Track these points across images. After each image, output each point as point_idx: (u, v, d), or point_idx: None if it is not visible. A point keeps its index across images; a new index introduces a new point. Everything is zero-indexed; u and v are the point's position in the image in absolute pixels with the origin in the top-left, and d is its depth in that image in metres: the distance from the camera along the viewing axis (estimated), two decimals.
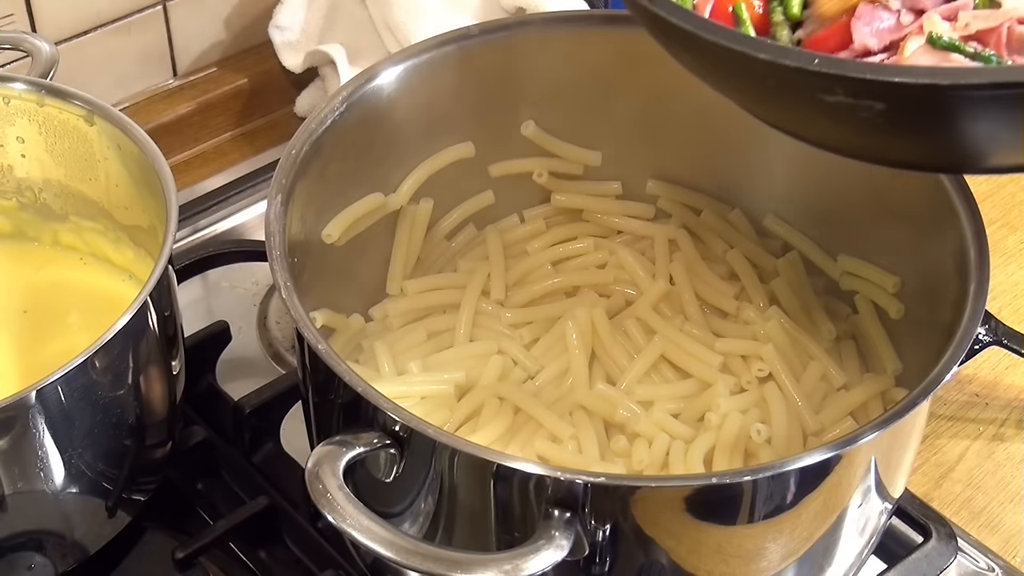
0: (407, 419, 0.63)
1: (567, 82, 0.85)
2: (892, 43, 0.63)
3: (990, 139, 0.58)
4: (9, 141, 0.83)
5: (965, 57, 0.60)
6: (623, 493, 0.62)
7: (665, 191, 0.90)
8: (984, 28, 0.61)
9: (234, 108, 1.14)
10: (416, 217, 0.86)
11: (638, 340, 0.83)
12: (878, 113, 0.56)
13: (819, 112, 0.59)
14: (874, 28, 0.63)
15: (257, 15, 1.14)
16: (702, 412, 0.78)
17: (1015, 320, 0.96)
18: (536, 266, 0.88)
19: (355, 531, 0.60)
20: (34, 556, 0.74)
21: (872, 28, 0.63)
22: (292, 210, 0.73)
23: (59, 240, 0.87)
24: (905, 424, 0.65)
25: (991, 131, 0.57)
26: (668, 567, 0.66)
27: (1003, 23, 0.60)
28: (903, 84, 0.54)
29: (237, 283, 1.00)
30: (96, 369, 0.68)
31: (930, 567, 0.80)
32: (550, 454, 0.75)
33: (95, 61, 1.06)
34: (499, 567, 0.59)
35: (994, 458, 0.88)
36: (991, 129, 0.57)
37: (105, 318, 0.69)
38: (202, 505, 0.83)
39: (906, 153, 0.63)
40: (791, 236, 0.87)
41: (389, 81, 0.80)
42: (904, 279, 0.79)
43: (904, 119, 0.57)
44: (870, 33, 0.63)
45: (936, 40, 0.61)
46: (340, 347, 0.81)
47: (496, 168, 0.88)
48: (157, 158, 0.76)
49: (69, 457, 0.70)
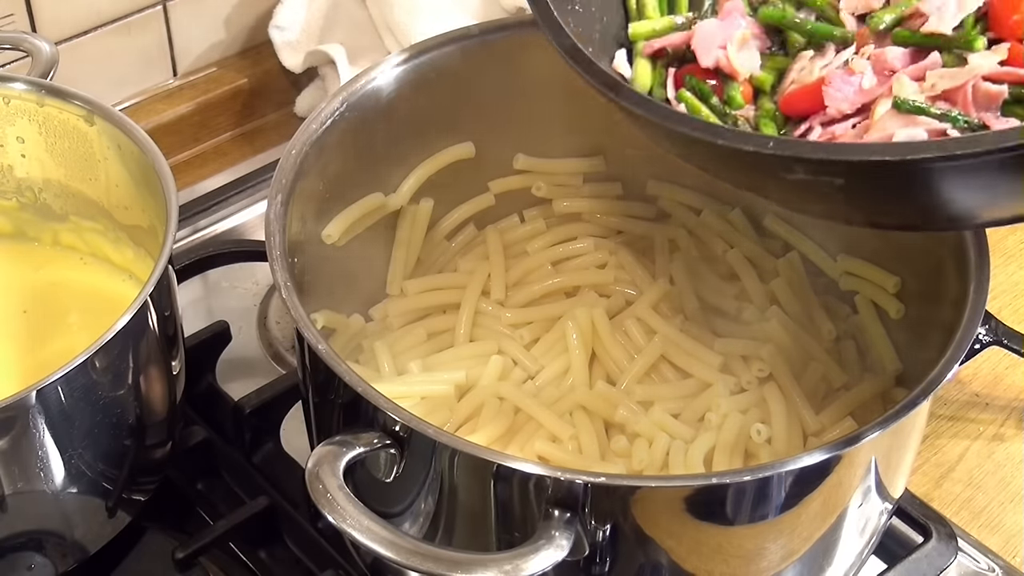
0: (407, 419, 0.63)
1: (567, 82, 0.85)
2: (864, 106, 0.64)
3: (963, 201, 0.58)
4: (9, 141, 0.83)
5: (932, 118, 0.61)
6: (623, 493, 0.62)
7: (665, 191, 0.90)
8: (950, 87, 0.62)
9: (234, 108, 1.14)
10: (416, 217, 0.86)
11: (638, 340, 0.83)
12: (839, 187, 0.58)
13: (788, 187, 0.61)
14: (845, 93, 0.64)
15: (257, 15, 1.14)
16: (702, 412, 0.78)
17: (1015, 320, 0.96)
18: (536, 266, 0.88)
19: (355, 531, 0.60)
20: (34, 556, 0.74)
21: (843, 93, 0.64)
22: (292, 210, 0.73)
23: (59, 240, 0.87)
24: (905, 424, 0.65)
25: (960, 195, 0.57)
26: (668, 567, 0.66)
27: (967, 81, 0.61)
28: (856, 162, 0.55)
29: (237, 283, 1.00)
30: (96, 369, 0.68)
31: (930, 567, 0.80)
32: (550, 454, 0.75)
33: (95, 61, 1.06)
34: (499, 567, 0.59)
35: (994, 458, 0.88)
36: (960, 193, 0.57)
37: (105, 318, 0.69)
38: (202, 505, 0.83)
39: (887, 217, 0.63)
40: (791, 236, 0.87)
41: (389, 81, 0.80)
42: (904, 279, 0.79)
43: (866, 190, 0.58)
44: (841, 98, 0.64)
45: (901, 104, 0.62)
46: (340, 347, 0.81)
47: (496, 184, 0.89)
48: (157, 158, 0.76)
49: (69, 457, 0.70)
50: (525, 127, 0.87)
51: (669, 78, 0.71)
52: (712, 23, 0.71)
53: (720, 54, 0.69)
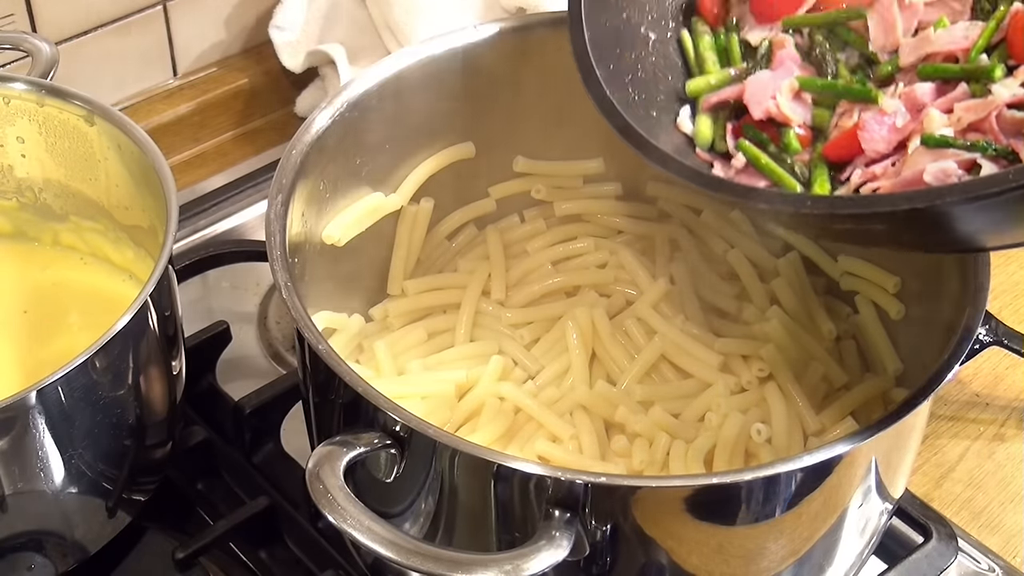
0: (407, 419, 0.63)
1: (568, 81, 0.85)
2: (900, 143, 0.66)
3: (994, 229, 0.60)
4: (9, 141, 0.83)
5: (960, 150, 0.63)
6: (623, 493, 0.62)
7: (665, 191, 0.90)
8: (975, 119, 0.64)
9: (234, 108, 1.14)
10: (416, 217, 0.86)
11: (638, 340, 0.83)
12: (882, 231, 0.61)
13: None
14: (880, 134, 0.66)
15: (257, 15, 1.14)
16: (702, 412, 0.78)
17: (1015, 320, 0.96)
18: (536, 266, 0.88)
19: (356, 531, 0.60)
20: (34, 556, 0.74)
21: (878, 135, 0.66)
22: (292, 210, 0.73)
23: (59, 240, 0.87)
24: (906, 424, 0.65)
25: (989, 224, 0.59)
26: (668, 567, 0.66)
27: (991, 111, 0.63)
28: (888, 212, 0.57)
29: (237, 283, 1.00)
30: (96, 369, 0.68)
31: (930, 567, 0.80)
32: (550, 454, 0.75)
33: (95, 61, 1.06)
34: (500, 567, 0.59)
35: (994, 458, 0.88)
36: (989, 223, 0.59)
37: (105, 318, 0.69)
38: (202, 505, 0.83)
39: (929, 245, 0.67)
40: (791, 236, 0.87)
41: (389, 81, 0.80)
42: (904, 279, 0.79)
43: (907, 229, 0.60)
44: (877, 140, 0.66)
45: (928, 139, 0.64)
46: (340, 347, 0.81)
47: (496, 189, 0.89)
48: (157, 158, 0.76)
49: (69, 457, 0.70)
50: (525, 127, 0.87)
51: (728, 131, 0.73)
52: (764, 75, 0.72)
53: (771, 104, 0.71)
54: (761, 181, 0.69)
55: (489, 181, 0.89)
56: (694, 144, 0.73)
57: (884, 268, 0.81)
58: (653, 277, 0.86)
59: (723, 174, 0.71)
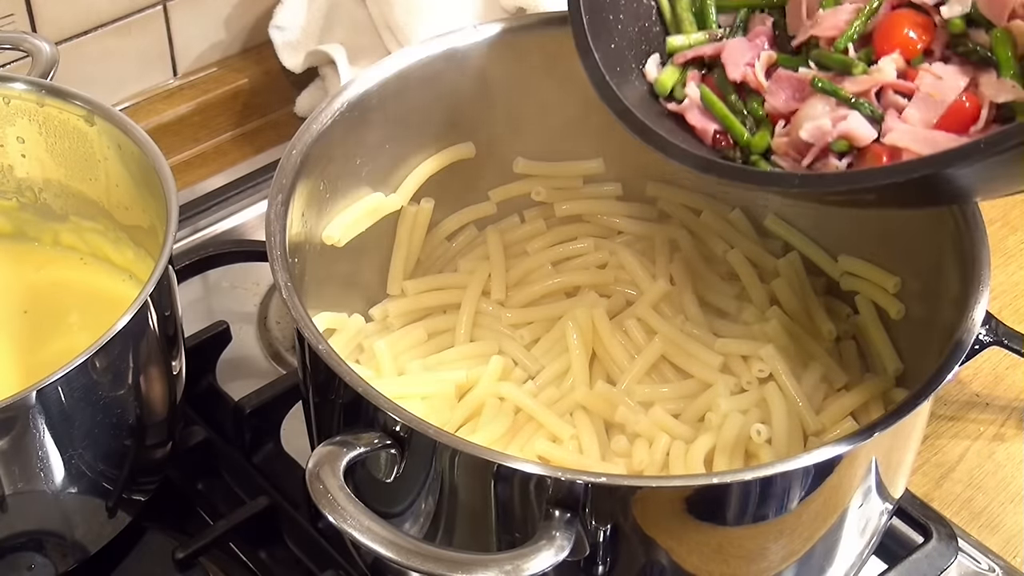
0: (407, 419, 0.63)
1: (568, 82, 0.85)
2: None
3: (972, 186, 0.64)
4: (9, 141, 0.83)
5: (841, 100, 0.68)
6: (623, 493, 0.62)
7: (665, 192, 0.90)
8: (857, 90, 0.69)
9: (234, 108, 1.14)
10: (416, 217, 0.86)
11: (638, 340, 0.83)
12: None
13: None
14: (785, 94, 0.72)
15: (257, 15, 1.14)
16: (702, 412, 0.78)
17: (1015, 320, 0.96)
18: (536, 266, 0.88)
19: (356, 531, 0.60)
20: (34, 556, 0.74)
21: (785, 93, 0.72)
22: (292, 210, 0.73)
23: (59, 240, 0.87)
24: (906, 424, 0.65)
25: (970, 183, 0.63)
26: (669, 567, 0.66)
27: (871, 88, 0.68)
28: (874, 186, 0.61)
29: (237, 283, 1.00)
30: (96, 369, 0.68)
31: (930, 567, 0.80)
32: (550, 454, 0.75)
33: (95, 61, 1.06)
34: (500, 567, 0.59)
35: (994, 458, 0.88)
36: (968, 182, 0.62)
37: (105, 318, 0.69)
38: (202, 505, 0.83)
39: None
40: (791, 236, 0.87)
41: (389, 81, 0.80)
42: (904, 279, 0.79)
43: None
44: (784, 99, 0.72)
45: (815, 82, 0.69)
46: (340, 347, 0.81)
47: (497, 192, 0.89)
48: (157, 158, 0.76)
49: (69, 457, 0.70)
50: (525, 127, 0.87)
51: (690, 77, 0.75)
52: (741, 41, 0.75)
53: (748, 70, 0.73)
54: (712, 124, 0.73)
55: (489, 181, 0.89)
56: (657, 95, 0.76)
57: (884, 268, 0.81)
58: (653, 277, 0.86)
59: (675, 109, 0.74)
